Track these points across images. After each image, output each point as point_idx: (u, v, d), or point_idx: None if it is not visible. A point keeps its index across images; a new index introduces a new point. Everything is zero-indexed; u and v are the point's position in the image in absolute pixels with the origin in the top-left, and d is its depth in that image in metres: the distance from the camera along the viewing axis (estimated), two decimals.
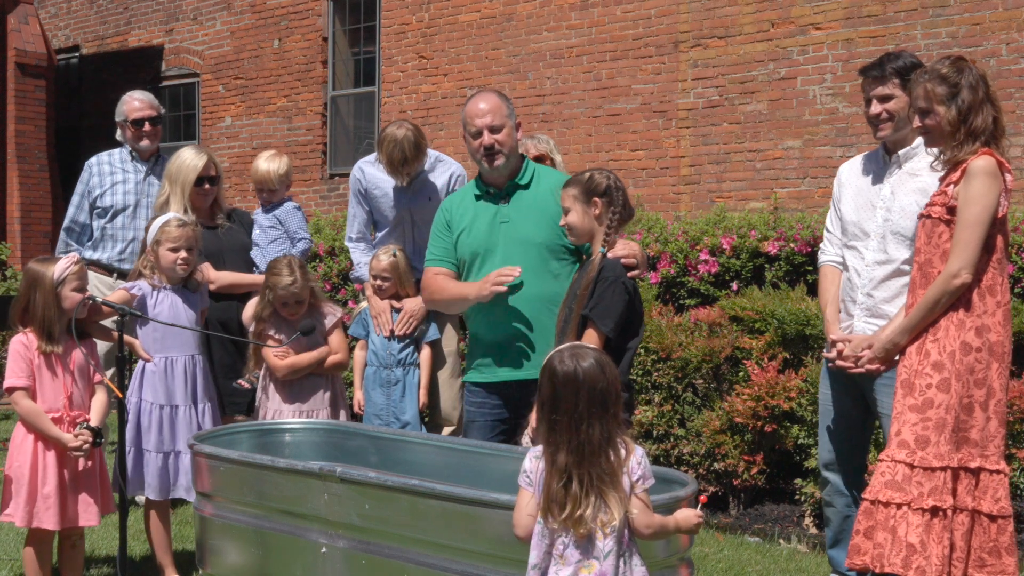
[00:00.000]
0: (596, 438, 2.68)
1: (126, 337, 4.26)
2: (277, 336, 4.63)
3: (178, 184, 5.05)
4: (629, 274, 3.66)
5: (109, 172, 5.81)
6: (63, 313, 3.96)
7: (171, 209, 4.97)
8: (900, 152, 4.02)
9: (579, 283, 3.68)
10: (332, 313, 4.79)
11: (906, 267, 3.90)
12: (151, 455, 4.31)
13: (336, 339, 4.75)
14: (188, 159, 5.09)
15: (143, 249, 4.50)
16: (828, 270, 4.26)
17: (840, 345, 4.02)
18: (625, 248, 3.71)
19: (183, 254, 4.37)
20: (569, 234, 3.80)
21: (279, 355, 4.63)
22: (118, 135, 5.92)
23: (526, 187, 4.12)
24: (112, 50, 13.12)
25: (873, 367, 3.74)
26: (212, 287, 5.01)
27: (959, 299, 3.51)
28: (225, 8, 11.89)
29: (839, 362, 4.01)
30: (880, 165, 4.10)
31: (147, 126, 5.79)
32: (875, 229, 4.02)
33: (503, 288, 3.89)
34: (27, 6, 11.95)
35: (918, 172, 3.95)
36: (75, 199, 5.88)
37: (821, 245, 4.36)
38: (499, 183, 4.12)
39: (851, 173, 4.22)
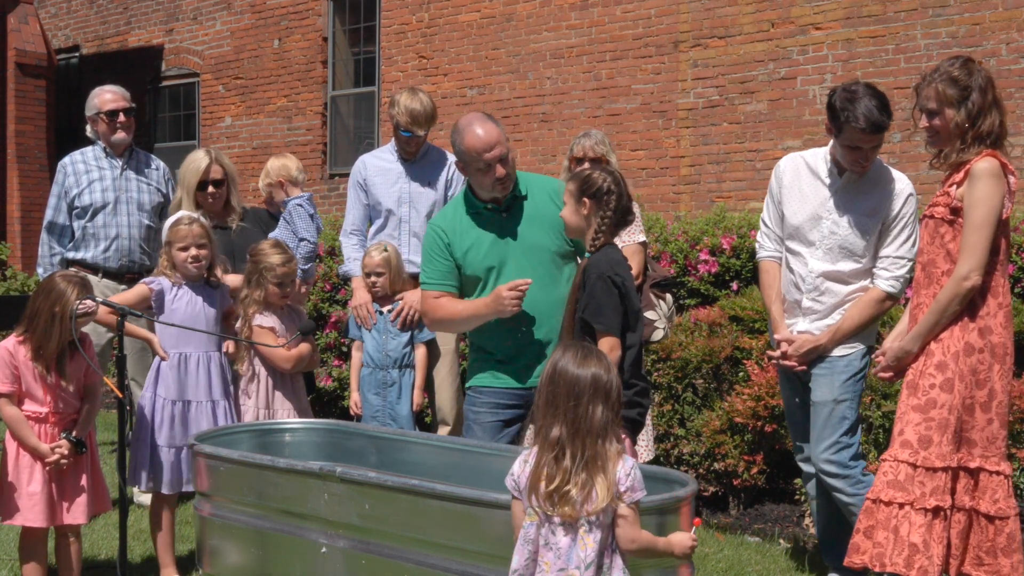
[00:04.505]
0: (597, 419, 2.61)
1: (146, 333, 4.38)
2: (269, 325, 4.58)
3: (183, 187, 5.05)
4: None
5: (84, 171, 5.69)
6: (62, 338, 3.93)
7: (183, 210, 5.00)
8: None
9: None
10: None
11: (850, 277, 4.03)
12: (163, 450, 4.33)
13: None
14: (192, 162, 5.07)
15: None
16: (769, 266, 4.26)
17: (784, 345, 4.10)
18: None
19: (193, 252, 4.38)
20: (565, 228, 3.80)
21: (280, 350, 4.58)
22: (88, 132, 5.80)
23: (525, 197, 4.07)
24: (112, 50, 13.12)
25: (886, 375, 3.73)
26: None
27: None
28: (225, 8, 11.89)
29: (783, 362, 4.11)
30: (826, 173, 4.09)
31: (122, 117, 5.67)
32: (820, 240, 4.05)
33: (518, 306, 3.81)
34: (27, 6, 11.95)
35: (865, 189, 4.00)
36: (52, 200, 5.73)
37: (758, 238, 4.35)
38: (499, 198, 4.04)
39: (794, 174, 4.19)
